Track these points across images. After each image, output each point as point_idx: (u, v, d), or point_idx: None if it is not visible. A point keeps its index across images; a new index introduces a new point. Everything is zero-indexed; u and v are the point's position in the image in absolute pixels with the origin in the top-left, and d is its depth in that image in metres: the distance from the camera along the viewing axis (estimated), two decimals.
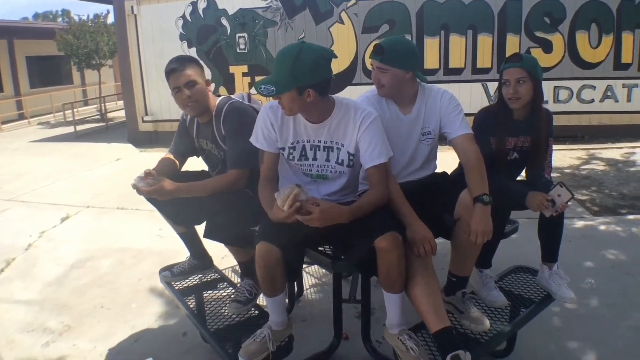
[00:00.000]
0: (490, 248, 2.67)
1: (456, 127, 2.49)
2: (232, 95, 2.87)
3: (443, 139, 2.61)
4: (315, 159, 2.37)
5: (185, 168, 3.00)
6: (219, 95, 2.79)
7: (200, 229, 2.91)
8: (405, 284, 2.22)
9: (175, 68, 2.59)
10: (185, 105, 2.63)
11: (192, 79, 2.59)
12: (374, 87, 2.57)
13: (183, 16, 9.77)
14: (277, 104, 2.27)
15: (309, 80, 2.12)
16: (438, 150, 2.74)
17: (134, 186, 2.53)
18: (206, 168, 2.99)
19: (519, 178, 2.97)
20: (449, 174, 2.87)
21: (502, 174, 2.69)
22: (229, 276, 3.28)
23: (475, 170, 2.36)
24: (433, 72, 8.91)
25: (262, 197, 2.33)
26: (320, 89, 2.17)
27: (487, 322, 2.41)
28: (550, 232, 2.73)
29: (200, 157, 2.99)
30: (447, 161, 3.09)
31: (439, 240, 2.64)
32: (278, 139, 2.37)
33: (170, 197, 2.55)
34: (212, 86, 2.79)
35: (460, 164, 2.85)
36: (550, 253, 2.77)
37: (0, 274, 4.22)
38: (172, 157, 2.91)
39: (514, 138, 2.75)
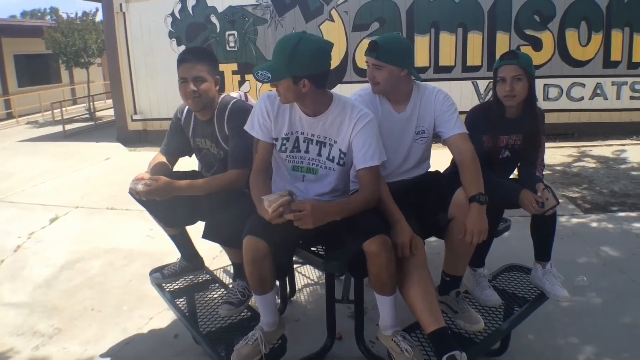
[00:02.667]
0: (484, 247, 2.67)
1: (451, 127, 2.48)
2: (230, 94, 2.83)
3: (437, 138, 2.60)
4: (307, 151, 2.35)
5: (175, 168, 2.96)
6: (221, 94, 2.75)
7: (191, 230, 2.89)
8: (400, 284, 2.21)
9: (188, 59, 2.56)
10: (187, 98, 2.60)
11: (201, 75, 2.56)
12: (366, 86, 2.55)
13: (172, 14, 9.70)
14: (275, 94, 2.27)
15: (305, 71, 2.11)
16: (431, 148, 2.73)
17: (132, 189, 2.48)
18: (196, 168, 2.96)
19: (511, 176, 2.97)
20: (441, 172, 2.86)
21: (495, 172, 2.68)
22: (221, 277, 3.25)
23: (471, 169, 2.36)
24: (423, 70, 8.91)
25: (252, 190, 2.31)
26: (317, 80, 2.16)
27: (482, 322, 2.41)
28: (543, 230, 2.73)
29: (191, 156, 2.94)
30: (439, 159, 3.09)
31: (432, 239, 2.64)
32: (273, 129, 2.35)
33: (170, 195, 2.50)
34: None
35: (452, 162, 2.85)
36: (543, 251, 2.76)
37: None
38: (163, 158, 2.85)
39: (506, 136, 2.74)
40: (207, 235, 2.47)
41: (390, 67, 2.41)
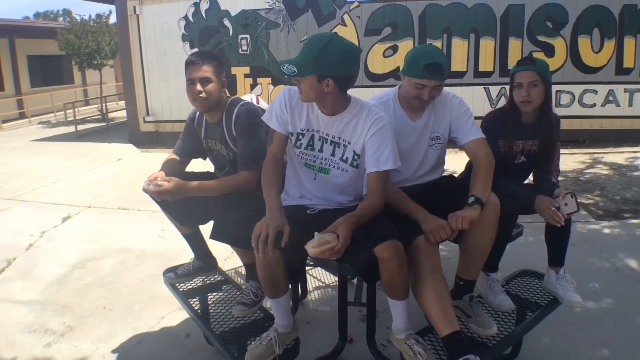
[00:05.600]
0: (498, 252, 2.66)
1: (467, 132, 2.48)
2: (241, 97, 2.86)
3: (451, 143, 2.59)
4: (321, 150, 2.37)
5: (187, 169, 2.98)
6: (229, 96, 2.78)
7: (205, 229, 2.90)
8: (414, 287, 2.21)
9: (194, 61, 2.61)
10: (194, 100, 2.63)
11: (207, 76, 2.60)
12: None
13: (185, 17, 9.76)
14: (296, 88, 2.28)
15: (331, 71, 2.12)
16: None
17: (145, 189, 2.52)
18: (211, 169, 2.98)
19: (526, 182, 2.96)
20: (455, 177, 2.86)
21: (510, 177, 2.67)
22: (233, 278, 3.26)
23: (482, 173, 2.37)
24: None
25: (264, 175, 2.34)
26: (341, 82, 2.17)
27: (495, 326, 2.40)
28: (557, 236, 2.72)
29: (205, 159, 2.97)
30: (454, 164, 3.08)
31: (446, 244, 2.64)
32: (289, 122, 2.37)
33: (181, 196, 2.53)
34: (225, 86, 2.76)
35: (467, 167, 2.85)
36: (557, 257, 2.76)
37: (0, 273, 4.20)
38: (176, 158, 2.89)
39: (522, 142, 2.74)
40: (214, 235, 2.48)
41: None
